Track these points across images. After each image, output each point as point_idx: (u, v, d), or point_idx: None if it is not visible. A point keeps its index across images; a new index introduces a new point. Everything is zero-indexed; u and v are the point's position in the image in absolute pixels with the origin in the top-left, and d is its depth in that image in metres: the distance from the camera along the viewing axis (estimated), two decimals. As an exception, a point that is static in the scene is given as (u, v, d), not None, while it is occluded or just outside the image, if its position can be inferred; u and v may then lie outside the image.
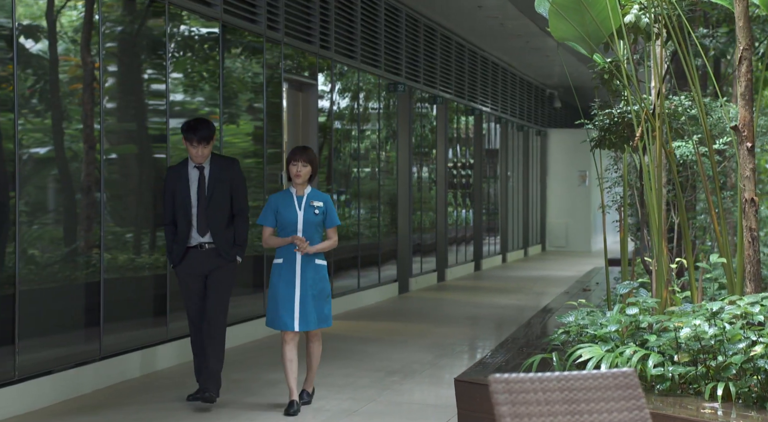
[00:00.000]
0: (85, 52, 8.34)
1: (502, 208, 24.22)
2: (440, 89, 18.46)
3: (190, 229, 7.77)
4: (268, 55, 11.47)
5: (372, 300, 14.88)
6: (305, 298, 7.51)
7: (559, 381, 3.24)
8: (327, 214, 7.59)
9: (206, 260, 7.79)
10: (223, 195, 7.78)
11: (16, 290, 7.38)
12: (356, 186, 14.41)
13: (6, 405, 7.29)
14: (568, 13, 7.38)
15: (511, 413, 3.12)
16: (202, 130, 7.72)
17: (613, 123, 7.61)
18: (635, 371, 3.33)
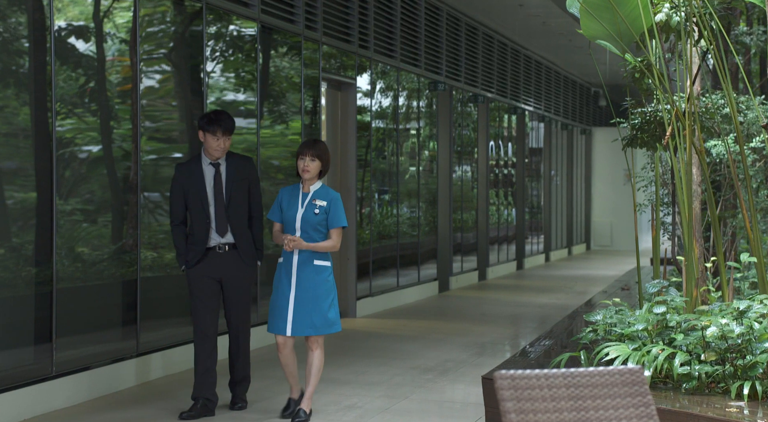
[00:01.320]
0: (122, 52, 8.46)
1: (546, 206, 24.18)
2: (482, 88, 18.46)
3: (208, 230, 7.35)
4: (306, 54, 11.55)
5: (411, 298, 14.93)
6: (300, 301, 7.01)
7: (565, 377, 3.28)
8: (330, 214, 7.04)
9: (225, 262, 7.39)
10: (241, 193, 7.41)
11: (53, 288, 7.51)
12: (396, 185, 14.46)
13: (44, 401, 7.42)
14: (599, 12, 7.38)
15: (516, 409, 3.16)
16: (226, 120, 7.33)
17: (645, 122, 7.60)
18: (642, 368, 3.36)
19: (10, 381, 7.14)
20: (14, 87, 7.29)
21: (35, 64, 7.44)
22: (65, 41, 7.77)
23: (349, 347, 10.80)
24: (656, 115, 7.55)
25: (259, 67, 10.55)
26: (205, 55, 9.58)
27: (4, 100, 7.21)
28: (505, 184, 20.66)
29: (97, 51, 8.19)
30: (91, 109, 8.12)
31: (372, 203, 13.69)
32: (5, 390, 7.08)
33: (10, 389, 7.13)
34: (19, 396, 7.19)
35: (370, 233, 13.44)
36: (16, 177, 7.34)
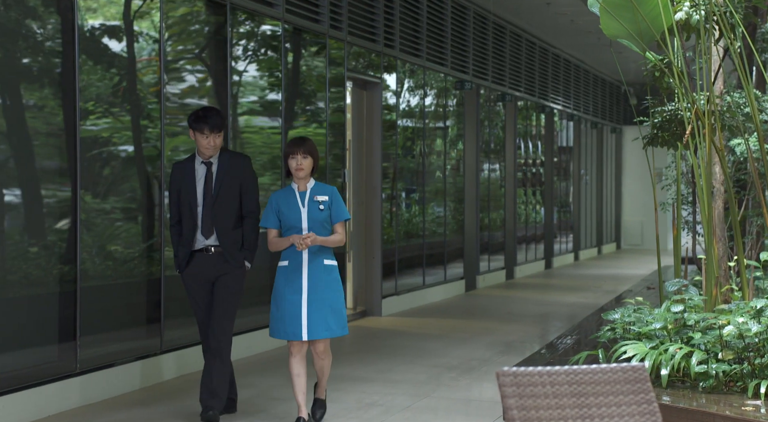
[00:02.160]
0: (148, 53, 8.54)
1: (575, 205, 24.13)
2: (509, 87, 18.46)
3: (195, 231, 7.10)
4: (331, 54, 11.61)
5: (437, 297, 14.96)
6: (314, 303, 6.76)
7: (567, 374, 3.30)
8: (333, 208, 6.83)
9: (212, 265, 7.10)
10: (231, 193, 7.09)
11: (77, 287, 7.59)
12: (422, 184, 14.50)
13: (68, 397, 7.52)
14: (619, 11, 7.39)
15: (518, 405, 3.19)
16: (213, 117, 7.05)
17: (666, 120, 7.60)
18: (645, 366, 3.38)
19: (35, 377, 7.23)
20: (40, 86, 7.39)
21: (62, 63, 7.52)
22: (92, 41, 7.86)
23: (374, 345, 10.85)
24: (677, 113, 7.55)
25: (284, 66, 10.61)
26: (230, 55, 9.65)
27: (29, 99, 7.31)
28: (533, 183, 20.64)
29: (124, 51, 8.27)
30: (117, 108, 8.20)
31: (399, 202, 13.73)
32: (30, 387, 7.18)
33: (34, 385, 7.22)
34: (44, 392, 7.29)
35: (396, 232, 13.48)
36: (42, 176, 7.43)
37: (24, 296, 7.20)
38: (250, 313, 9.77)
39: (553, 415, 3.25)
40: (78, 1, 7.62)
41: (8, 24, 7.08)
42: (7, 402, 6.94)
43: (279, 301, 6.82)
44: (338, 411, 7.64)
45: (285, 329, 6.77)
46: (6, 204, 7.10)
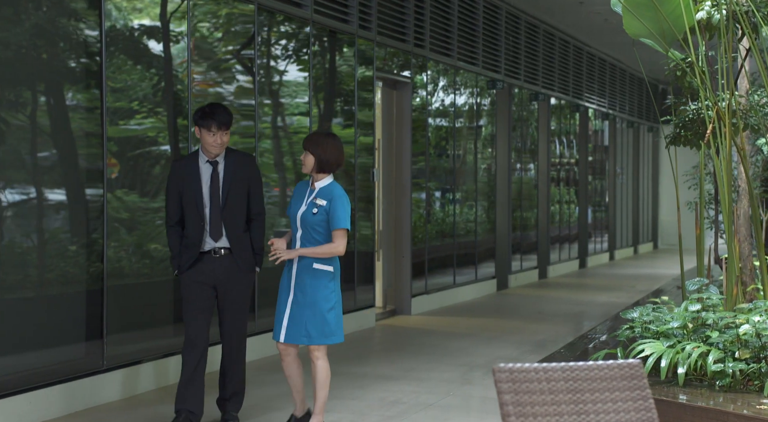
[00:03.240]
0: (175, 53, 8.64)
1: (611, 204, 24.06)
2: (542, 86, 18.45)
3: (202, 233, 6.80)
4: (360, 54, 11.67)
5: (468, 296, 14.99)
6: (296, 306, 6.51)
7: (563, 371, 3.34)
8: (330, 215, 6.50)
9: (219, 268, 6.83)
10: (239, 195, 6.85)
11: (104, 285, 7.70)
12: (453, 183, 14.54)
13: (95, 393, 7.62)
14: (641, 10, 7.40)
15: (513, 401, 3.23)
16: (221, 114, 6.75)
17: (689, 120, 7.60)
18: (641, 362, 3.41)
19: (62, 374, 7.35)
20: (67, 86, 7.50)
21: (87, 63, 7.64)
22: (117, 41, 7.96)
23: (401, 343, 10.91)
24: (699, 113, 7.55)
25: (312, 66, 10.69)
26: (257, 56, 9.73)
27: (56, 99, 7.43)
28: (567, 183, 20.61)
29: (150, 52, 8.38)
30: (146, 109, 8.31)
31: (431, 201, 13.79)
32: (59, 383, 7.29)
33: (63, 381, 7.34)
34: (72, 388, 7.40)
35: (427, 231, 13.53)
36: (70, 175, 7.54)
37: (57, 294, 7.32)
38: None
39: (548, 411, 3.29)
40: (105, 2, 7.72)
41: (44, 24, 7.19)
42: (36, 398, 7.06)
43: (277, 300, 6.66)
44: (361, 408, 7.70)
45: (274, 328, 6.58)
46: (42, 203, 7.22)
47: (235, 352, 6.97)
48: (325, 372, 6.57)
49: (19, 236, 7.08)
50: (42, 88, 7.31)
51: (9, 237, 6.95)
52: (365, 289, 11.74)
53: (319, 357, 6.55)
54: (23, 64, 7.12)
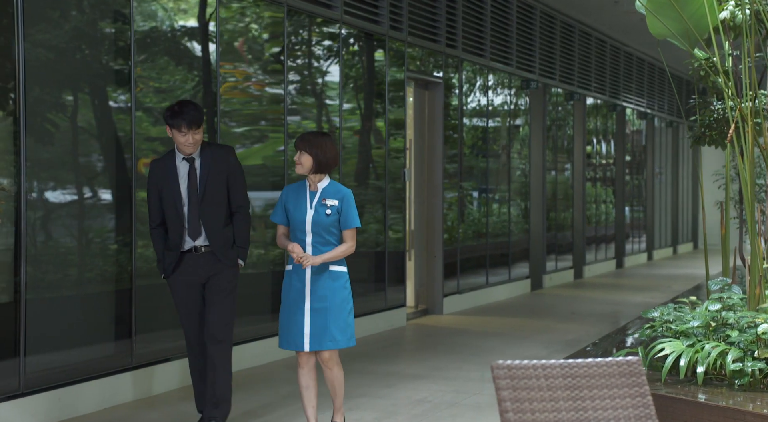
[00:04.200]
0: (204, 54, 8.74)
1: (649, 204, 23.96)
2: (578, 86, 18.42)
3: (182, 232, 6.61)
4: (391, 54, 11.73)
5: (502, 296, 15.01)
6: (317, 312, 6.30)
7: (562, 368, 3.39)
8: (342, 214, 6.33)
9: (203, 265, 6.64)
10: (218, 189, 6.61)
11: (133, 285, 7.81)
12: (486, 183, 14.56)
13: (124, 391, 7.74)
14: (664, 10, 7.39)
15: (511, 398, 3.28)
16: (190, 112, 6.49)
17: (713, 119, 7.59)
18: (640, 359, 3.45)
19: (92, 371, 7.47)
20: (102, 88, 7.62)
21: (115, 64, 7.75)
22: (146, 43, 8.08)
23: (431, 343, 10.96)
24: (723, 112, 7.54)
25: (342, 67, 10.76)
26: (286, 57, 9.82)
27: (94, 100, 7.55)
28: (604, 183, 20.56)
29: (178, 52, 8.48)
30: (172, 110, 8.42)
31: (465, 201, 13.83)
32: (90, 379, 7.41)
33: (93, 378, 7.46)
34: (102, 385, 7.52)
35: (459, 231, 13.57)
36: (102, 176, 7.66)
37: (90, 293, 7.44)
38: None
39: (546, 407, 3.33)
40: (134, 2, 7.84)
41: (83, 27, 7.32)
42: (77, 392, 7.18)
43: (284, 309, 6.40)
44: (386, 406, 7.76)
45: (289, 339, 6.35)
46: (83, 203, 7.34)
47: (219, 347, 6.68)
48: (341, 376, 6.51)
49: (59, 236, 7.20)
50: (80, 89, 7.42)
51: (44, 237, 7.08)
52: (396, 289, 11.79)
53: (335, 364, 6.43)
54: (64, 65, 7.25)
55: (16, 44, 6.81)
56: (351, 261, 10.77)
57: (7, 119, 6.80)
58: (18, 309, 6.81)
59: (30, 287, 6.90)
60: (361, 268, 11.19)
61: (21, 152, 6.83)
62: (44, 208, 7.14)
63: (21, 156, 6.83)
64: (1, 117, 6.79)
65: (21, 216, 6.83)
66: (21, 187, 6.84)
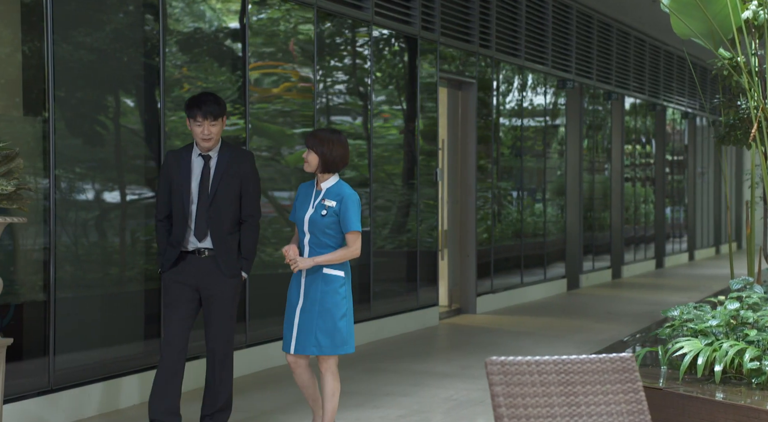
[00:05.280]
0: (233, 54, 8.86)
1: (690, 204, 23.84)
2: (616, 85, 18.39)
3: (185, 231, 6.34)
4: (423, 55, 11.80)
5: (537, 295, 15.02)
6: (306, 314, 6.12)
7: (555, 364, 3.44)
8: (341, 216, 6.15)
9: (202, 269, 6.35)
10: (230, 193, 6.35)
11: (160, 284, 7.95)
12: (521, 183, 14.59)
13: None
14: (689, 10, 7.41)
15: (504, 393, 3.34)
16: (208, 103, 6.29)
17: (738, 119, 7.59)
18: (633, 356, 3.50)
19: (121, 369, 7.60)
20: (130, 87, 7.75)
21: (146, 63, 7.88)
22: (175, 42, 8.20)
23: (461, 342, 11.01)
24: (747, 112, 7.54)
25: (373, 68, 10.84)
26: (316, 58, 9.91)
27: (133, 100, 7.68)
28: (644, 182, 20.50)
29: (208, 53, 8.60)
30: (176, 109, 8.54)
31: (502, 201, 13.87)
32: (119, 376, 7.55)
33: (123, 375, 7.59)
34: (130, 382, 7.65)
35: (493, 230, 13.60)
36: (131, 175, 7.79)
37: (120, 292, 7.58)
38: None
39: (539, 403, 3.39)
40: (164, 4, 7.96)
41: (123, 29, 7.46)
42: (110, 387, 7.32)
43: (286, 309, 6.27)
44: (411, 404, 7.83)
45: (284, 339, 6.20)
46: (102, 202, 7.48)
47: (220, 363, 6.42)
48: (333, 387, 6.22)
49: (88, 235, 7.34)
50: (121, 90, 7.56)
51: (74, 236, 7.22)
52: (428, 288, 11.86)
53: (328, 369, 6.20)
54: (106, 66, 7.40)
55: (45, 44, 6.95)
56: (382, 260, 10.91)
57: (36, 119, 6.95)
58: (48, 308, 6.95)
59: (59, 286, 7.03)
60: (393, 268, 11.28)
61: (50, 151, 6.97)
62: (74, 208, 7.28)
63: (50, 155, 6.97)
64: (31, 117, 6.94)
65: (50, 215, 6.97)
66: (50, 186, 6.98)
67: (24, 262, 6.88)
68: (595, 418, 3.41)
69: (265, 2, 9.28)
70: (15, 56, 6.86)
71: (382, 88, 11.13)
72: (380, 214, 11.00)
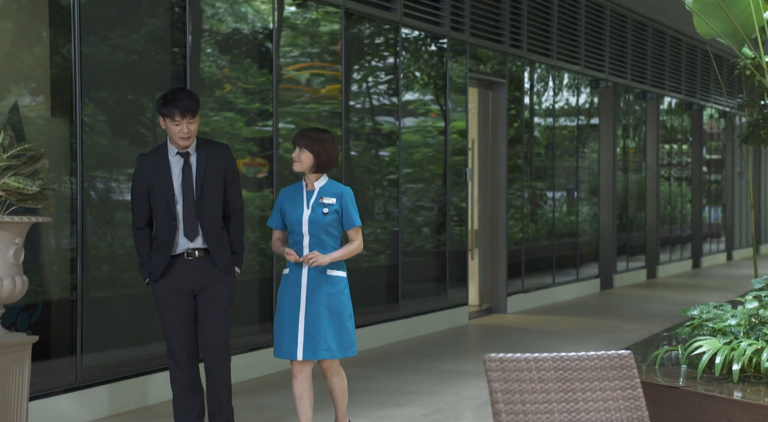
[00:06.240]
0: (262, 56, 8.95)
1: (728, 204, 23.70)
2: (651, 84, 18.33)
3: (174, 233, 6.09)
4: (452, 56, 11.84)
5: (569, 295, 15.02)
6: (312, 318, 5.96)
7: (554, 361, 3.49)
8: (343, 214, 6.05)
9: (197, 272, 6.12)
10: (215, 188, 6.15)
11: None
12: (552, 183, 14.59)
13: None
14: (712, 10, 7.41)
15: (502, 389, 3.39)
16: (184, 100, 6.05)
17: (762, 118, 7.58)
18: (631, 353, 3.54)
19: (147, 366, 7.71)
20: (158, 87, 7.86)
21: (174, 63, 7.99)
22: (202, 45, 8.31)
23: (490, 341, 11.04)
24: (770, 111, 7.53)
25: (401, 69, 10.90)
26: (344, 59, 9.98)
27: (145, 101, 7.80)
28: (680, 182, 20.41)
29: (235, 53, 8.70)
30: (230, 109, 8.64)
31: (536, 201, 13.89)
32: (145, 374, 7.65)
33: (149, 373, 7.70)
34: (156, 380, 7.76)
35: (524, 230, 13.62)
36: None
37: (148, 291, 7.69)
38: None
39: (537, 399, 3.44)
40: (189, 5, 8.06)
41: (157, 31, 7.57)
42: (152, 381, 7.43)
43: (278, 315, 6.08)
44: (435, 402, 7.88)
45: (282, 347, 6.01)
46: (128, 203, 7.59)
47: (219, 363, 6.20)
48: (343, 384, 6.16)
49: (115, 235, 7.46)
50: (149, 90, 7.68)
51: (101, 236, 7.34)
52: (457, 288, 11.90)
53: (335, 373, 6.11)
54: (133, 67, 7.52)
55: (73, 45, 7.07)
56: (411, 259, 10.97)
57: (64, 119, 7.07)
58: (75, 306, 7.07)
59: (87, 284, 7.15)
60: (422, 267, 11.33)
61: (77, 152, 7.09)
62: (102, 207, 7.40)
63: (77, 156, 7.09)
64: (59, 117, 7.06)
65: (78, 215, 7.09)
66: (78, 186, 7.09)
67: (52, 261, 7.00)
68: (593, 414, 3.46)
69: (294, 3, 9.37)
70: (43, 57, 6.99)
71: (411, 88, 11.19)
72: (409, 214, 11.06)
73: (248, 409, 7.57)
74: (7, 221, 5.68)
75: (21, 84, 6.86)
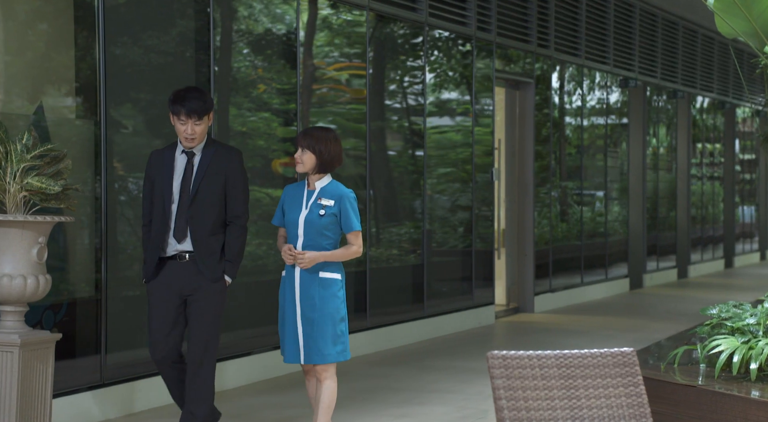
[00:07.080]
0: (286, 57, 9.02)
1: (762, 203, 23.56)
2: (682, 83, 18.26)
3: (165, 233, 6.01)
4: (478, 55, 11.86)
5: (598, 295, 15.00)
6: (308, 322, 5.85)
7: (557, 358, 3.52)
8: (342, 216, 5.90)
9: (185, 275, 6.00)
10: (213, 191, 5.99)
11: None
12: (581, 182, 14.58)
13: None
14: (734, 9, 7.39)
15: (505, 386, 3.43)
16: (192, 100, 5.96)
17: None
18: (633, 350, 3.57)
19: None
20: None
21: (198, 63, 8.07)
22: (227, 42, 8.39)
23: (515, 340, 11.06)
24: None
25: (426, 69, 10.94)
26: (369, 60, 10.03)
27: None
28: (712, 181, 20.33)
29: (259, 55, 8.77)
30: (255, 111, 8.71)
31: (568, 200, 13.89)
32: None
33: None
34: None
35: (552, 229, 13.62)
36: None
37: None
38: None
39: (540, 396, 3.47)
40: (213, 6, 8.15)
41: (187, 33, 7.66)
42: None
43: (280, 319, 6.00)
44: (457, 400, 7.92)
45: (286, 351, 5.93)
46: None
47: (200, 370, 6.07)
48: (332, 393, 5.94)
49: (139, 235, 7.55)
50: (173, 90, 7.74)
51: (125, 235, 7.43)
52: (484, 287, 11.93)
53: (328, 377, 5.93)
54: (157, 67, 7.61)
55: (97, 45, 7.16)
56: (437, 259, 11.00)
57: (88, 120, 7.16)
58: (99, 305, 7.16)
59: (111, 284, 7.24)
60: (448, 267, 11.37)
61: (101, 152, 7.18)
62: (125, 207, 7.49)
63: (101, 155, 7.18)
64: (83, 118, 7.15)
65: (102, 214, 7.18)
66: (102, 186, 7.19)
67: (77, 260, 7.09)
68: (595, 411, 3.49)
69: (319, 4, 9.43)
70: (68, 59, 7.09)
71: (437, 88, 11.22)
72: (434, 213, 11.10)
73: (270, 407, 7.63)
74: (30, 221, 5.77)
75: (47, 85, 6.96)
